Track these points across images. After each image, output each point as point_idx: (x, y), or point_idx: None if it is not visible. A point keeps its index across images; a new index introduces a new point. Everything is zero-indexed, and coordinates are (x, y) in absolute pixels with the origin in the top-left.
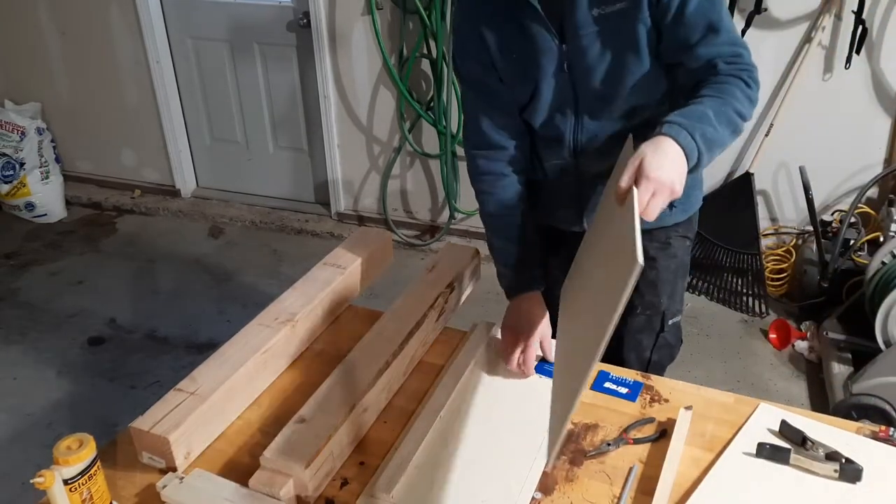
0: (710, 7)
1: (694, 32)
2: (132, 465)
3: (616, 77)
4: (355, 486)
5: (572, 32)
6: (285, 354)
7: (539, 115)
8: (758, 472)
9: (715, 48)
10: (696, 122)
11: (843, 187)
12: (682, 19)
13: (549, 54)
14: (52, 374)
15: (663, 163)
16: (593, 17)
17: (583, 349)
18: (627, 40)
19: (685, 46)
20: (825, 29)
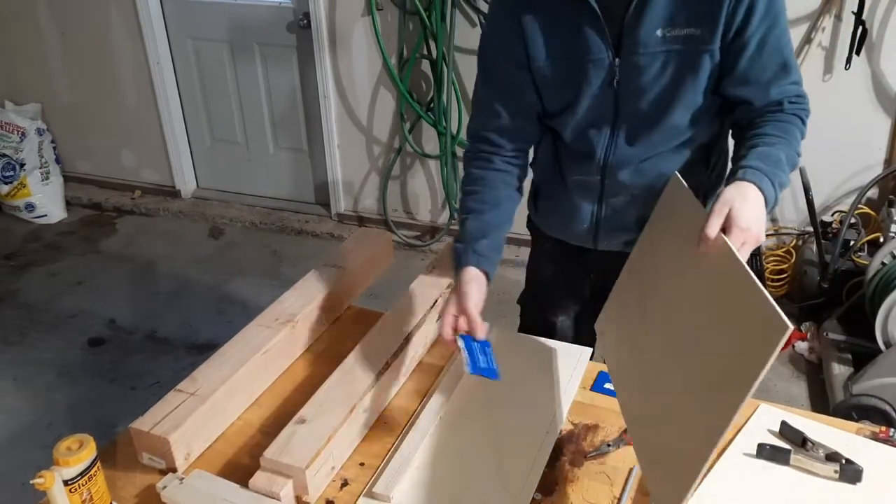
0: (786, 45)
1: (768, 70)
2: (132, 465)
3: (666, 103)
4: (356, 487)
5: (631, 48)
6: (285, 355)
7: (571, 128)
8: (758, 472)
9: (785, 88)
10: (775, 169)
11: (843, 188)
12: (759, 57)
13: (598, 66)
14: (51, 374)
15: (753, 213)
16: (658, 38)
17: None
18: (689, 68)
19: (756, 83)
20: (825, 30)
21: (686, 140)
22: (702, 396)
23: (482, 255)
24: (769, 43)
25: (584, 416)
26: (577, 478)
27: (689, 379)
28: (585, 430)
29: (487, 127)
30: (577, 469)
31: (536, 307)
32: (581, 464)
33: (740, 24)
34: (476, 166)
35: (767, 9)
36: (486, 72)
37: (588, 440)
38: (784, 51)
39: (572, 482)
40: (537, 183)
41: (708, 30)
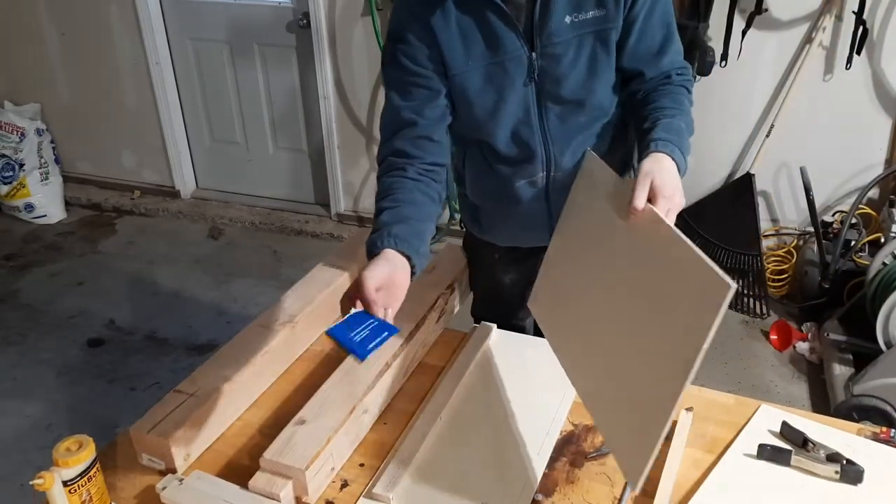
0: (670, 16)
1: (656, 41)
2: (132, 466)
3: (586, 85)
4: (355, 488)
5: (544, 40)
6: (285, 356)
7: (503, 131)
8: (759, 473)
9: (672, 57)
10: (680, 139)
11: (844, 188)
12: (647, 29)
13: (517, 63)
14: (51, 375)
15: (673, 181)
16: (567, 25)
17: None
18: (601, 48)
19: (647, 55)
20: (826, 29)
21: (610, 117)
22: (653, 364)
23: (400, 237)
24: (655, 15)
25: (585, 416)
26: (578, 478)
27: (639, 349)
28: (586, 430)
29: (402, 137)
30: (577, 470)
31: (499, 316)
32: (581, 464)
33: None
34: (389, 176)
35: None
36: (399, 83)
37: (588, 441)
38: (669, 22)
39: (573, 483)
40: (477, 205)
41: (612, 8)
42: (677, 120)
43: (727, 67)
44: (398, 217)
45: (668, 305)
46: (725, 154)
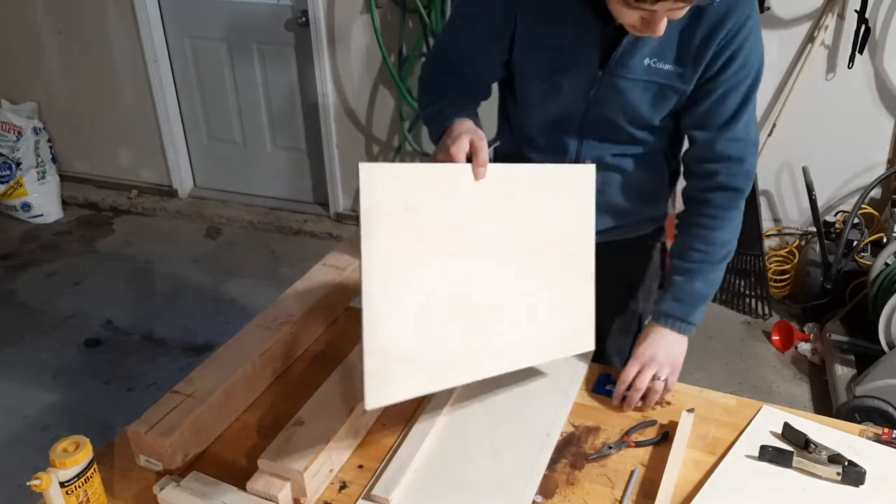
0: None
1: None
2: (129, 467)
3: (633, 122)
4: (354, 490)
5: (619, 70)
6: (283, 356)
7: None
8: (760, 475)
9: (726, 142)
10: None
11: (847, 188)
12: (719, 106)
13: (580, 73)
14: (48, 375)
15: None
16: (644, 67)
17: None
18: (662, 99)
19: (706, 128)
20: (828, 28)
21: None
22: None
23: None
24: (732, 96)
25: (585, 418)
26: (578, 480)
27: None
28: (586, 432)
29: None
30: (577, 471)
31: None
32: (582, 466)
33: (716, 71)
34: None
35: (744, 66)
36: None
37: (589, 442)
38: (742, 106)
39: (573, 485)
40: None
41: (689, 70)
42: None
43: None
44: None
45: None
46: None
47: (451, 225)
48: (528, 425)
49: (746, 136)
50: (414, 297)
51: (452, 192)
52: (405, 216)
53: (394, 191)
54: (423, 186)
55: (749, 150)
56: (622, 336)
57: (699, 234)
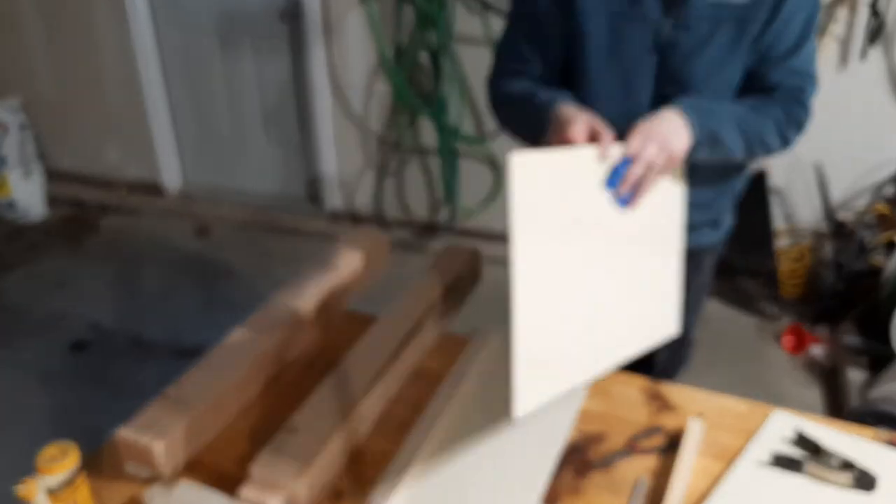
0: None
1: (781, 49)
2: (117, 474)
3: (711, 73)
4: (350, 499)
5: (680, 12)
6: (276, 360)
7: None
8: (771, 482)
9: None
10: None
11: (859, 185)
12: (782, 29)
13: (646, 24)
14: (33, 380)
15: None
16: (708, 3)
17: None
18: (735, 39)
19: (768, 58)
20: (840, 21)
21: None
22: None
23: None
24: (796, 20)
25: (591, 424)
26: (583, 489)
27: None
28: (592, 438)
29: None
30: (582, 480)
31: None
32: (587, 474)
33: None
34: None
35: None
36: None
37: (594, 449)
38: (805, 34)
39: (577, 493)
40: None
41: (757, 2)
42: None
43: None
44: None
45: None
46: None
47: (587, 215)
48: (532, 432)
49: (807, 69)
50: (556, 297)
51: (587, 177)
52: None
53: (543, 183)
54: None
55: (808, 83)
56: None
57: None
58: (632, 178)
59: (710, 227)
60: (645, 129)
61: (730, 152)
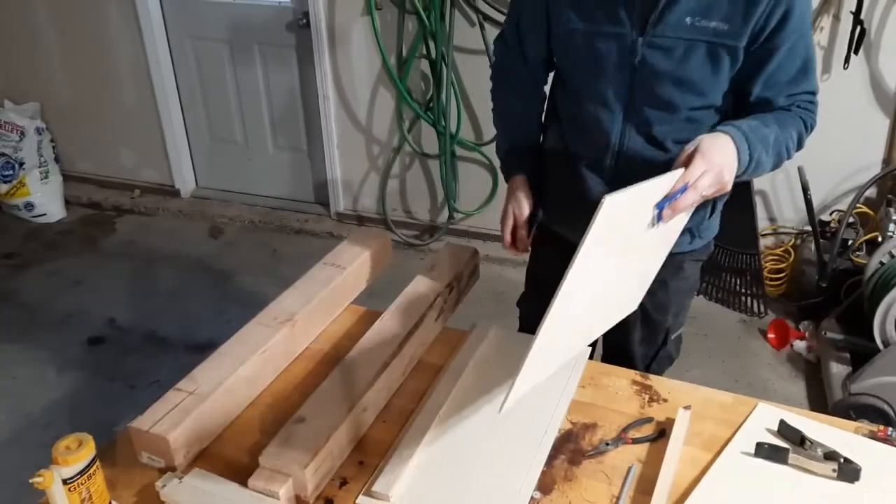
0: (809, 48)
1: (790, 72)
2: (131, 464)
3: (684, 93)
4: (354, 486)
5: (658, 31)
6: (284, 354)
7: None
8: (756, 471)
9: (799, 95)
10: (759, 143)
11: (842, 187)
12: (787, 61)
13: (620, 42)
14: (51, 373)
15: (720, 149)
16: (686, 25)
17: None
18: (710, 62)
19: (778, 85)
20: (823, 29)
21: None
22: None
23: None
24: (798, 48)
25: (583, 415)
26: (576, 477)
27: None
28: (584, 428)
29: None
30: (575, 468)
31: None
32: (579, 463)
33: (775, 27)
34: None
35: (801, 18)
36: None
37: (587, 439)
38: (809, 59)
39: (571, 481)
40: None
41: (738, 27)
42: (770, 130)
43: None
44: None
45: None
46: None
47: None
48: (527, 422)
49: (814, 88)
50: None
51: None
52: (615, 235)
53: (620, 216)
54: (637, 206)
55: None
56: (648, 345)
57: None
58: (683, 206)
59: (688, 235)
60: (706, 158)
61: (761, 173)
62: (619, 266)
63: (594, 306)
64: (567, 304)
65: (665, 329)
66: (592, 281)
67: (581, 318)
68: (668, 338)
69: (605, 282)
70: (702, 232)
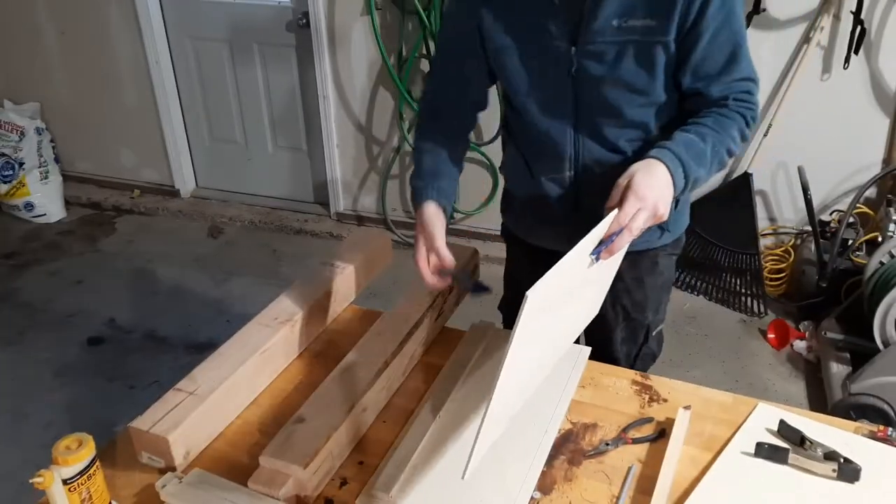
0: (740, 40)
1: (719, 61)
2: (131, 464)
3: (625, 96)
4: (354, 486)
5: (587, 37)
6: (284, 354)
7: (537, 115)
8: (756, 471)
9: (734, 80)
10: (693, 161)
11: (842, 187)
12: (712, 49)
13: (555, 53)
14: (50, 374)
15: (652, 183)
16: (614, 27)
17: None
18: (644, 59)
19: (707, 76)
20: (824, 29)
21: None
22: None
23: (442, 191)
24: (722, 35)
25: (583, 415)
26: (576, 477)
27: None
28: (584, 429)
29: (443, 96)
30: (575, 468)
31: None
32: (580, 463)
33: (696, 15)
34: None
35: (722, 3)
36: (446, 42)
37: (587, 439)
38: (737, 43)
39: (571, 481)
40: (510, 189)
41: (664, 21)
42: (705, 143)
43: None
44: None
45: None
46: None
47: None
48: (527, 422)
49: (748, 74)
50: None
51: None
52: (547, 304)
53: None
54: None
55: (753, 84)
56: (629, 343)
57: (711, 117)
58: (619, 248)
59: (658, 230)
60: (639, 196)
61: (700, 185)
62: (559, 317)
63: (543, 356)
64: (509, 384)
65: (646, 326)
66: (532, 349)
67: (533, 369)
68: (648, 335)
69: (548, 338)
70: (670, 226)
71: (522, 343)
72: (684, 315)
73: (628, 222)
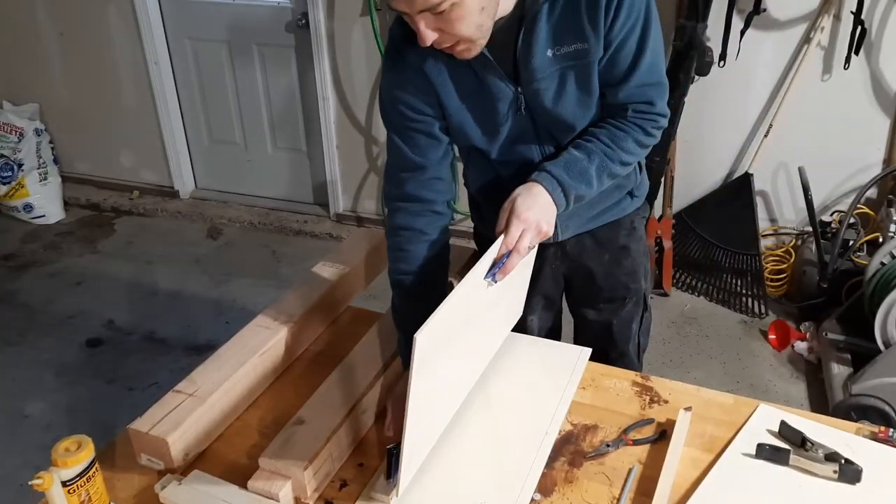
0: (645, 44)
1: (621, 68)
2: (131, 466)
3: (576, 115)
4: (354, 488)
5: (529, 76)
6: (284, 356)
7: (498, 149)
8: (757, 472)
9: (634, 89)
10: (574, 181)
11: (843, 188)
12: (618, 54)
13: (505, 99)
14: (50, 375)
15: (532, 204)
16: (549, 59)
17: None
18: (584, 79)
19: (612, 81)
20: (824, 29)
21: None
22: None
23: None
24: (629, 44)
25: (583, 416)
26: (576, 478)
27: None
28: (584, 430)
29: (411, 181)
30: (576, 469)
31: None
32: (580, 464)
33: (609, 27)
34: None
35: (630, 13)
36: (401, 128)
37: (587, 441)
38: (643, 52)
39: (571, 483)
40: (477, 199)
41: (594, 40)
42: (590, 162)
43: (725, 67)
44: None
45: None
46: (724, 154)
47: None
48: (527, 424)
49: (651, 80)
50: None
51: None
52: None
53: (441, 331)
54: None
55: (656, 91)
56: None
57: (607, 130)
58: (510, 268)
59: (628, 196)
60: (521, 219)
61: (589, 198)
62: (478, 332)
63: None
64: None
65: (643, 293)
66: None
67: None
68: (647, 301)
69: (469, 352)
70: (636, 191)
71: (425, 378)
72: (685, 316)
73: (515, 244)
